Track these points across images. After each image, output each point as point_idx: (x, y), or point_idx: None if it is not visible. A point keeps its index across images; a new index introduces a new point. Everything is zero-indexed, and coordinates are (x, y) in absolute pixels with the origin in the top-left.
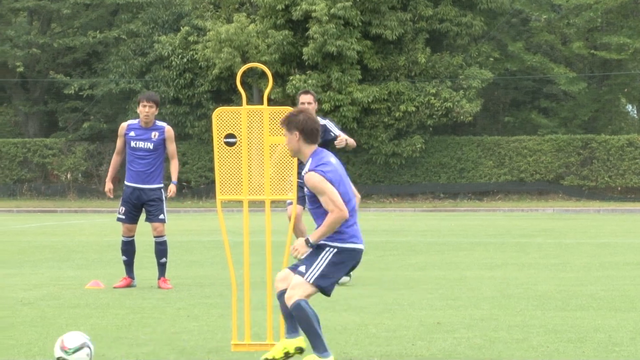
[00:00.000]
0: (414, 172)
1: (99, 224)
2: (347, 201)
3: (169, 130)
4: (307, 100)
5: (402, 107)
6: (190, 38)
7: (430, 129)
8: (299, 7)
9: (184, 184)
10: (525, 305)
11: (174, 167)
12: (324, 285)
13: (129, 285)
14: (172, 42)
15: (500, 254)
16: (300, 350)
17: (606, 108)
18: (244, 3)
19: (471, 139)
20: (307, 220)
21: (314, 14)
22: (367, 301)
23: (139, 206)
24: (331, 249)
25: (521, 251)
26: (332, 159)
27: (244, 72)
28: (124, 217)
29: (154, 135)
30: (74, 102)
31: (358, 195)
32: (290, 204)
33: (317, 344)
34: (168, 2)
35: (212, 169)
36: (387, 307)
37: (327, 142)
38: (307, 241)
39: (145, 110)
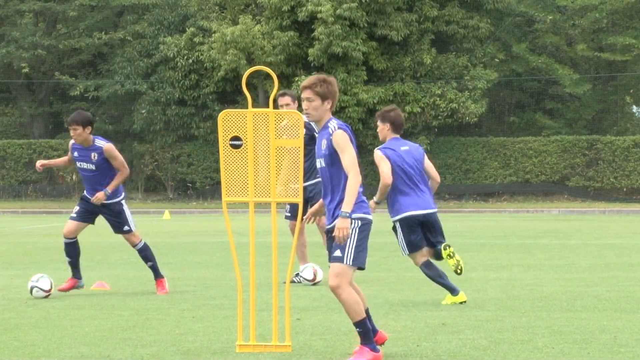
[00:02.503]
0: None
1: (104, 226)
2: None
3: (107, 150)
4: (284, 102)
5: (408, 108)
6: (196, 39)
7: (436, 129)
8: (304, 8)
9: (189, 184)
10: (531, 307)
11: (117, 177)
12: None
13: (74, 287)
14: (178, 44)
15: (506, 255)
16: None
17: (611, 109)
18: (249, 4)
19: (476, 140)
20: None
21: (319, 15)
22: (372, 302)
23: (95, 211)
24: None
25: (526, 252)
26: (390, 151)
27: (249, 74)
28: (75, 215)
29: (93, 156)
30: (79, 104)
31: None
32: (288, 218)
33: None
34: (173, 4)
35: (217, 170)
36: (392, 308)
37: (314, 140)
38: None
39: (72, 134)
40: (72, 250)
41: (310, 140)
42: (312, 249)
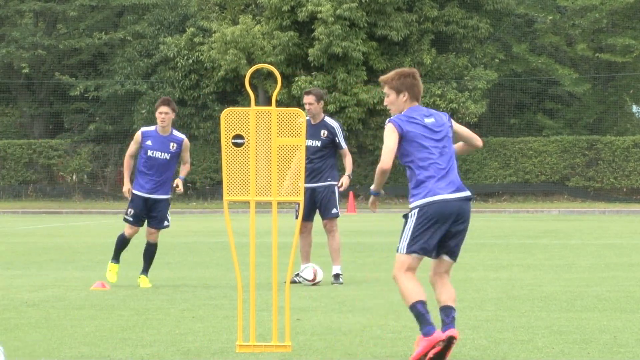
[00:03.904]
0: None
1: (104, 225)
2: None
3: None
4: (308, 101)
5: None
6: (196, 39)
7: None
8: (304, 8)
9: (189, 184)
10: (531, 307)
11: None
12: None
13: None
14: (178, 44)
15: (506, 255)
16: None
17: (611, 109)
18: (249, 4)
19: None
20: (317, 225)
21: (319, 15)
22: (372, 302)
23: None
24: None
25: (526, 252)
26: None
27: (251, 73)
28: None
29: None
30: (79, 104)
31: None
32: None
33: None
34: (174, 4)
35: (217, 170)
36: (392, 309)
37: (334, 144)
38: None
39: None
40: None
41: (330, 143)
42: (315, 249)
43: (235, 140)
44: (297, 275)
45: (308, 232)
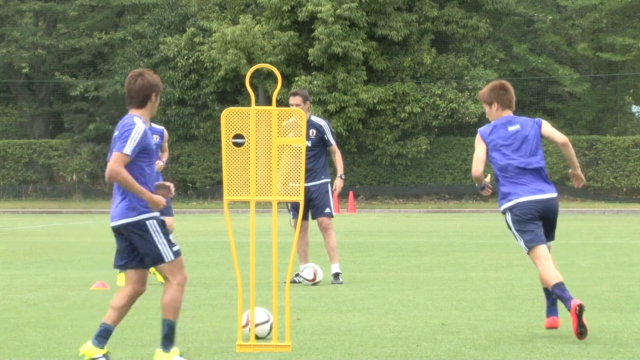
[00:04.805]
0: (419, 173)
1: (104, 225)
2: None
3: None
4: (295, 102)
5: (408, 108)
6: (196, 39)
7: (436, 129)
8: (304, 8)
9: (189, 184)
10: (531, 307)
11: None
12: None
13: None
14: (178, 43)
15: (506, 255)
16: None
17: (611, 109)
18: (249, 4)
19: None
20: (312, 227)
21: (319, 15)
22: (372, 302)
23: None
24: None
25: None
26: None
27: (251, 73)
28: None
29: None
30: (79, 103)
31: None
32: (294, 218)
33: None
34: (174, 3)
35: (217, 170)
36: (392, 308)
37: (323, 142)
38: None
39: None
40: None
41: (320, 141)
42: (313, 249)
43: (236, 140)
44: (297, 275)
45: (304, 232)
